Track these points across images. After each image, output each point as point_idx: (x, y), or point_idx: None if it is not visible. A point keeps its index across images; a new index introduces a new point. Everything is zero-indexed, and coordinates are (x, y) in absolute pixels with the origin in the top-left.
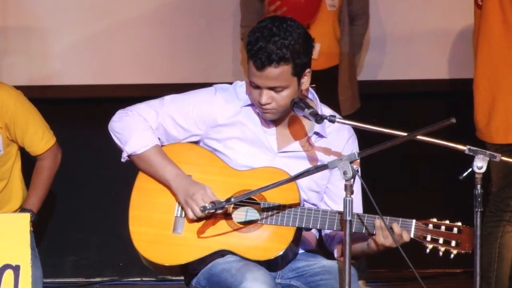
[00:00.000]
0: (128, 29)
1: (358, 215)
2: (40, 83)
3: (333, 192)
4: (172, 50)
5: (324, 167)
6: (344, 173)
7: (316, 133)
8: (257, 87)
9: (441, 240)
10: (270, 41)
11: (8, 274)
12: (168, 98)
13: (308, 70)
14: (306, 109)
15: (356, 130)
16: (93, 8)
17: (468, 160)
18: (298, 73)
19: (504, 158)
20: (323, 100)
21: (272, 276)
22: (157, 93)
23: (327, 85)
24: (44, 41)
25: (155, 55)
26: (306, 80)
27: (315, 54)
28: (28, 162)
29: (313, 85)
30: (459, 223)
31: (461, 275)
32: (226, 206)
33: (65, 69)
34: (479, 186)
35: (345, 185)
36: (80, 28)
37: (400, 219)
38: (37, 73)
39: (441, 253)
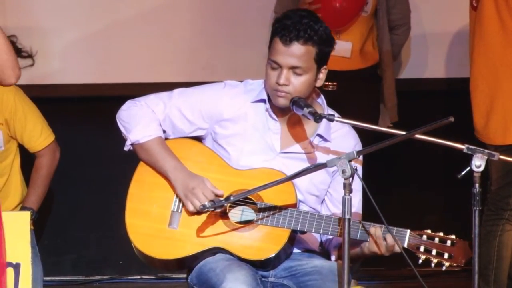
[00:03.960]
0: (128, 28)
1: (352, 222)
2: (40, 82)
3: (336, 198)
4: (172, 49)
5: (322, 165)
6: (343, 171)
7: (320, 136)
8: (278, 67)
9: (434, 252)
10: (300, 22)
11: (9, 272)
12: (177, 91)
13: (325, 67)
14: (305, 108)
15: (354, 129)
16: (93, 7)
17: (467, 159)
18: (319, 62)
19: (502, 157)
20: (363, 101)
21: (254, 276)
22: (156, 92)
23: (367, 86)
24: (44, 40)
25: (155, 54)
26: (322, 77)
27: (348, 52)
28: (28, 160)
29: (334, 83)
30: (453, 236)
31: (460, 273)
32: (225, 204)
33: (65, 68)
34: (477, 185)
35: (344, 184)
36: (80, 27)
37: (395, 228)
38: (37, 72)
39: (433, 265)
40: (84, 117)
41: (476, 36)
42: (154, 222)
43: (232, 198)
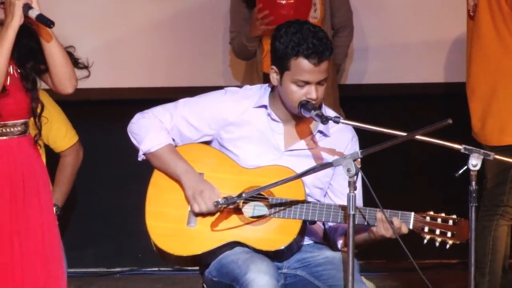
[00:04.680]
0: (145, 35)
1: (360, 208)
2: None
3: (337, 189)
4: (187, 55)
5: (329, 164)
6: (348, 170)
7: (320, 132)
8: (305, 85)
9: (437, 231)
10: (318, 36)
11: None
12: (182, 101)
13: None
14: (312, 111)
15: (358, 130)
16: (112, 16)
17: (464, 159)
18: None
19: (497, 157)
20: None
21: (275, 267)
22: (170, 95)
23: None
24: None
25: (168, 60)
26: None
27: None
28: (53, 160)
29: None
30: (454, 216)
31: (457, 266)
32: (238, 201)
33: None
34: (474, 183)
35: (349, 182)
36: (99, 35)
37: (400, 212)
38: None
39: (437, 244)
40: (105, 120)
41: (473, 44)
42: (174, 223)
43: (244, 195)
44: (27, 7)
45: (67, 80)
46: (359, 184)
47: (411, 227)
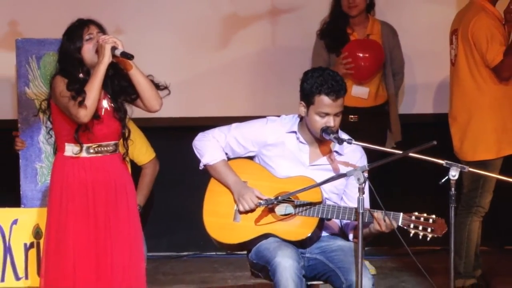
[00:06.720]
0: (209, 77)
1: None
2: (144, 116)
3: (350, 195)
4: (240, 91)
5: (343, 175)
6: (358, 179)
7: (336, 151)
8: (325, 116)
9: (420, 228)
10: (336, 79)
11: None
12: (234, 125)
13: None
14: (331, 134)
15: (365, 149)
16: (184, 59)
17: (446, 171)
18: None
19: (471, 169)
20: (375, 128)
21: (297, 252)
22: (225, 123)
23: (378, 118)
24: None
25: (227, 95)
26: None
27: (366, 95)
28: (136, 171)
29: (356, 116)
30: (434, 216)
31: (440, 251)
32: (275, 202)
33: (163, 104)
34: (453, 189)
35: (358, 188)
36: (175, 74)
37: (392, 212)
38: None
39: (420, 237)
40: (177, 140)
41: (454, 83)
42: (223, 218)
43: (280, 198)
44: (113, 48)
45: (154, 100)
46: (366, 190)
47: (400, 224)
